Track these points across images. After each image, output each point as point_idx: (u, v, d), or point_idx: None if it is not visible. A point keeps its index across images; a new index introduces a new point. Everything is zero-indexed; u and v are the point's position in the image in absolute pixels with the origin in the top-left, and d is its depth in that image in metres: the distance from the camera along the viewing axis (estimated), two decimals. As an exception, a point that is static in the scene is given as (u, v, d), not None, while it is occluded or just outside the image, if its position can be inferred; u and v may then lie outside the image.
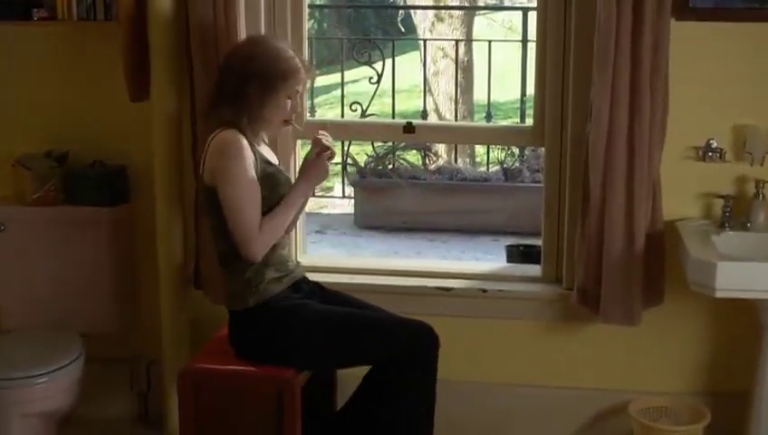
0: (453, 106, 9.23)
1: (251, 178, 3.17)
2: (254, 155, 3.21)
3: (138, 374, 4.03)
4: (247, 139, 3.21)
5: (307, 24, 3.87)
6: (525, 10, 8.10)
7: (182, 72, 3.66)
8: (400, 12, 10.44)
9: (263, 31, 3.67)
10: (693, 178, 3.60)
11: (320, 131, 3.34)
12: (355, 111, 7.21)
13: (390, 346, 3.26)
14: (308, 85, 3.38)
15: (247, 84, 3.19)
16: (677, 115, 3.48)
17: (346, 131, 4.56)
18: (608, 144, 3.43)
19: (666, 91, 3.42)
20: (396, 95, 7.47)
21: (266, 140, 3.41)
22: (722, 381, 3.75)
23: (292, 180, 3.41)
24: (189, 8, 3.55)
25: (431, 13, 9.82)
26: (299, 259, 3.71)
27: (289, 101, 3.27)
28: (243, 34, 3.54)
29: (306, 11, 3.84)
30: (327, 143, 3.30)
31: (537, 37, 3.77)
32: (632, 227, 3.46)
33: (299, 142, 3.94)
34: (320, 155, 3.29)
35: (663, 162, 3.50)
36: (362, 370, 3.36)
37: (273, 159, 3.37)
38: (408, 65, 9.66)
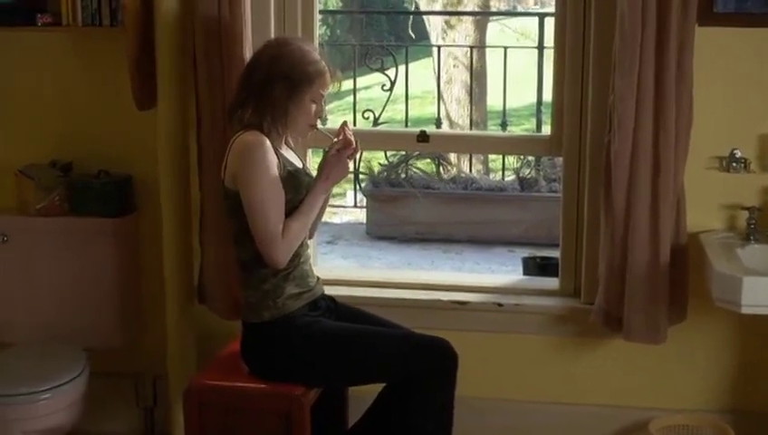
0: (465, 113, 9.16)
1: (274, 181, 3.11)
2: (278, 158, 3.15)
3: (143, 390, 3.97)
4: (270, 141, 3.14)
5: (318, 30, 3.80)
6: (541, 16, 8.02)
7: (189, 80, 3.61)
8: (410, 17, 10.39)
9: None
10: (716, 189, 3.53)
11: (345, 127, 3.24)
12: (367, 118, 7.16)
13: (408, 364, 3.19)
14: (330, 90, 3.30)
15: (273, 85, 3.13)
16: (701, 124, 3.41)
17: (359, 140, 4.46)
18: (632, 154, 3.36)
19: (690, 98, 3.35)
20: (409, 102, 7.43)
21: (292, 144, 3.34)
22: (746, 399, 3.68)
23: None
24: (197, 14, 3.50)
25: (444, 19, 9.76)
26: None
27: (314, 106, 3.20)
28: (252, 41, 3.49)
29: (317, 16, 3.80)
30: (349, 137, 3.21)
31: (555, 43, 3.71)
32: (658, 240, 3.39)
33: (309, 151, 3.88)
34: (340, 151, 3.20)
35: (686, 173, 3.43)
36: (375, 386, 3.29)
37: (297, 162, 3.30)
38: (420, 72, 9.63)
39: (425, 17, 10.27)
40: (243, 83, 3.22)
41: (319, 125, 3.29)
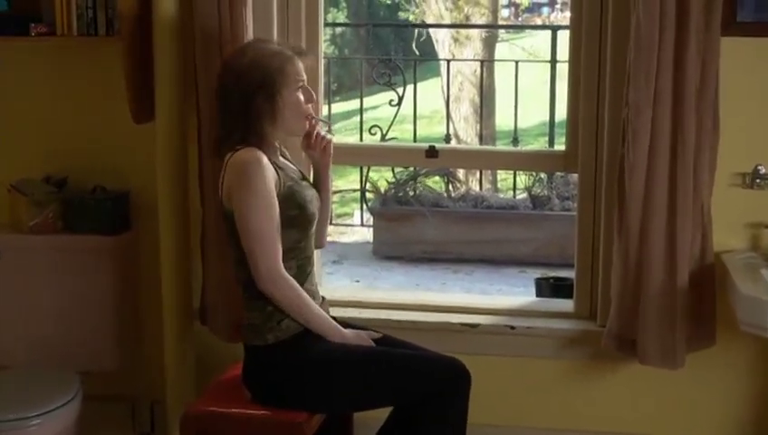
0: (473, 132, 9.13)
1: (270, 202, 3.01)
2: (277, 173, 3.06)
3: (140, 415, 3.92)
4: (268, 155, 3.05)
5: (326, 49, 3.72)
6: (554, 29, 7.94)
7: (189, 92, 3.55)
8: (417, 31, 10.38)
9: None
10: (739, 206, 3.44)
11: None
12: (374, 134, 7.09)
13: (418, 385, 3.10)
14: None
15: (252, 100, 3.05)
16: (723, 139, 3.33)
17: (365, 156, 4.46)
18: (648, 170, 3.27)
19: (716, 111, 3.26)
20: (417, 121, 7.40)
21: (288, 155, 3.27)
22: (772, 429, 3.60)
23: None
24: (196, 24, 3.44)
25: (452, 38, 9.78)
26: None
27: (300, 94, 3.12)
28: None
29: (322, 29, 3.74)
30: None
31: (570, 56, 3.63)
32: (674, 260, 3.30)
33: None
34: (367, 336, 3.18)
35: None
36: (382, 411, 3.19)
37: (295, 171, 3.23)
38: (428, 91, 9.65)
39: (433, 36, 10.28)
40: (223, 113, 3.12)
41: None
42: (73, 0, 3.51)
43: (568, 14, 3.61)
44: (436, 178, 8.11)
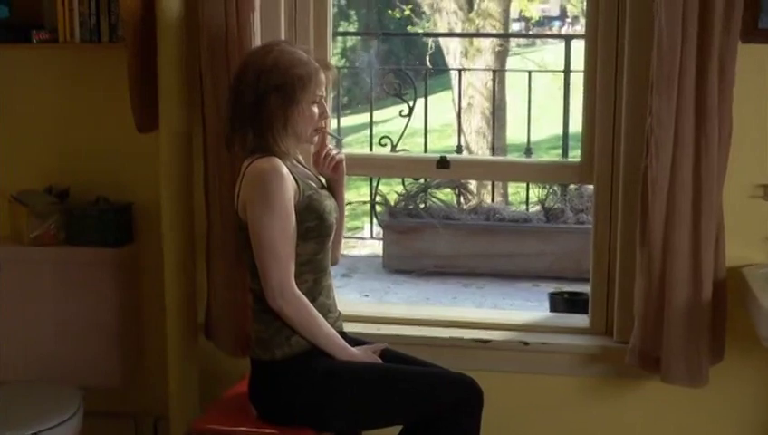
0: (484, 145, 9.14)
1: (286, 217, 2.96)
2: (297, 183, 3.01)
3: (143, 431, 3.88)
4: (285, 164, 3.01)
5: (334, 58, 3.67)
6: (568, 38, 7.89)
7: (194, 100, 3.50)
8: (431, 45, 10.36)
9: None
10: (760, 218, 3.38)
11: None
12: (385, 145, 7.06)
13: (428, 403, 3.04)
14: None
15: (266, 101, 3.00)
16: (743, 149, 3.27)
17: (375, 167, 4.40)
18: (671, 181, 3.21)
19: (730, 117, 3.20)
20: (427, 130, 7.40)
21: (302, 160, 3.22)
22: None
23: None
24: (202, 30, 3.40)
25: (463, 50, 9.79)
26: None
27: (315, 108, 3.08)
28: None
29: (330, 39, 3.69)
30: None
31: (585, 66, 3.57)
32: (699, 275, 3.23)
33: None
34: (376, 355, 3.16)
35: (726, 202, 3.29)
36: (392, 429, 3.15)
37: (313, 179, 3.18)
38: (439, 105, 9.65)
39: (444, 49, 10.29)
40: (234, 108, 3.08)
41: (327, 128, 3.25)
42: (76, 7, 3.50)
43: (578, 27, 3.55)
44: (447, 190, 8.09)
